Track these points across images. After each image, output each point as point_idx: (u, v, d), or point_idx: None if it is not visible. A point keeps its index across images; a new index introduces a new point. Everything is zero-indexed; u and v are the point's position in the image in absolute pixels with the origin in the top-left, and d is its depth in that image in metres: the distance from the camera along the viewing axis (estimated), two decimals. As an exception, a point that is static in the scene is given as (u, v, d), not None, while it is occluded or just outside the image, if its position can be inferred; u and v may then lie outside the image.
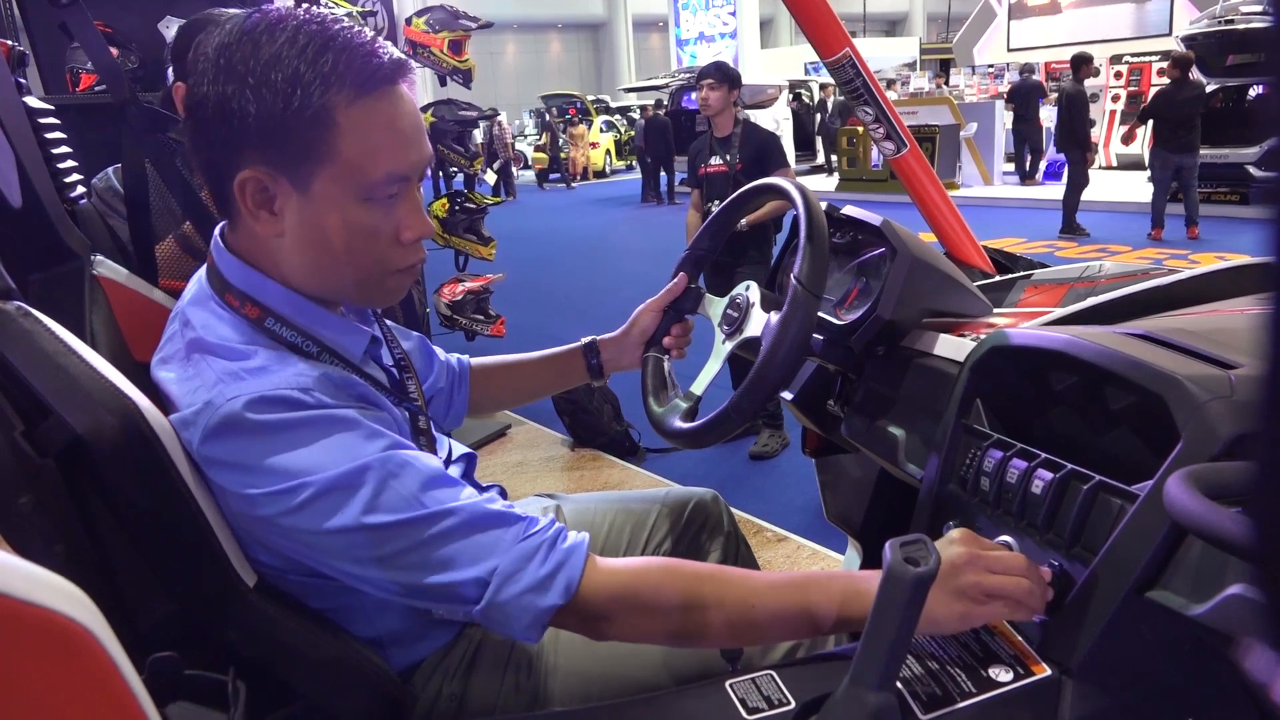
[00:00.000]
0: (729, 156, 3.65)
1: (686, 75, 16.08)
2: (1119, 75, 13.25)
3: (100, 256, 1.24)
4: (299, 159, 0.80)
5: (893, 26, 34.98)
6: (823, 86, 16.28)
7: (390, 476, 0.79)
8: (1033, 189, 12.03)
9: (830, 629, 0.86)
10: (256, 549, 0.84)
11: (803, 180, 1.25)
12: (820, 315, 1.28)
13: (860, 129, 11.81)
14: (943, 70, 19.28)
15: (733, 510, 1.38)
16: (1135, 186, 10.37)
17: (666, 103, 15.83)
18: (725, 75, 3.63)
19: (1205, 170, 8.43)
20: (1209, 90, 8.98)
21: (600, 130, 20.39)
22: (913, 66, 20.77)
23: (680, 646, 0.97)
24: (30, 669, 0.44)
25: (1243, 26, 9.43)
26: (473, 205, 4.05)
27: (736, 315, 1.15)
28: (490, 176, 16.11)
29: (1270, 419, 0.36)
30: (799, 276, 1.02)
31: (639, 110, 17.29)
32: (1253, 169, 9.10)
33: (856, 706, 0.66)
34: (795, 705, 0.79)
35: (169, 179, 1.61)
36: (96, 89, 3.08)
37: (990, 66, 16.71)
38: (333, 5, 3.48)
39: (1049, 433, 1.01)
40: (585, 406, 3.78)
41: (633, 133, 18.39)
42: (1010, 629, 0.87)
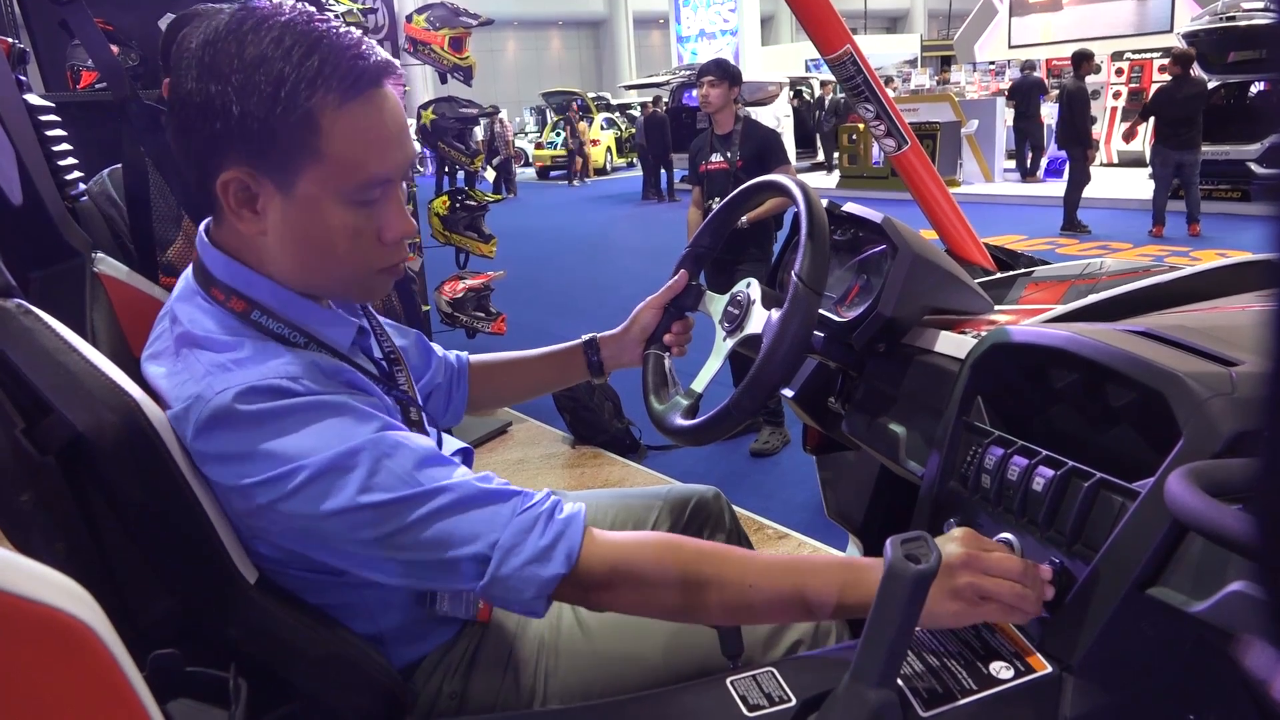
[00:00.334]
0: (730, 154, 3.65)
1: (687, 72, 16.04)
2: (1120, 72, 13.24)
3: (101, 254, 1.24)
4: (282, 161, 0.80)
5: (894, 23, 34.93)
6: (823, 84, 16.26)
7: (384, 456, 0.79)
8: (1034, 186, 12.02)
9: (827, 616, 0.86)
10: (257, 544, 0.84)
11: (803, 177, 1.25)
12: (821, 312, 1.28)
13: (861, 126, 11.80)
14: (944, 67, 19.26)
15: (734, 507, 1.38)
16: (1136, 183, 10.36)
17: (667, 100, 15.81)
18: (726, 72, 3.62)
19: (1207, 167, 8.42)
20: (1210, 87, 8.97)
21: (601, 127, 20.37)
22: (914, 63, 20.75)
23: (675, 620, 0.96)
24: (31, 666, 0.44)
25: (1244, 23, 9.41)
26: (473, 202, 4.05)
27: (737, 312, 1.15)
28: (490, 174, 16.12)
29: (1272, 416, 0.36)
30: (800, 274, 1.02)
31: (640, 107, 17.28)
32: (1254, 166, 9.10)
33: (857, 703, 0.66)
34: (796, 702, 0.79)
35: (169, 176, 1.61)
36: (97, 86, 3.07)
37: (991, 63, 16.68)
38: (333, 3, 3.48)
39: (1050, 430, 1.01)
40: (586, 404, 3.78)
41: (633, 130, 18.37)
42: (1011, 626, 0.87)
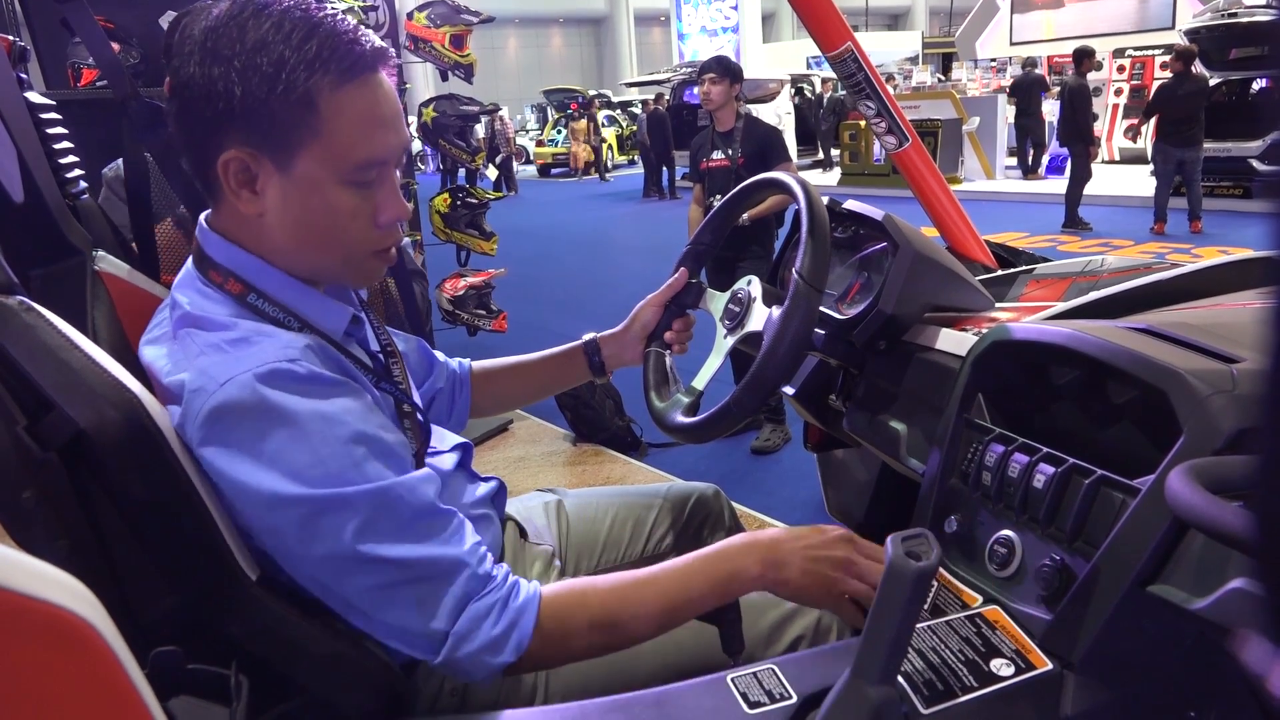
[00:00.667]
0: (731, 151, 3.64)
1: (688, 70, 16.03)
2: (1122, 69, 13.21)
3: (102, 252, 1.24)
4: (282, 141, 0.81)
5: (895, 20, 34.88)
6: (823, 81, 16.24)
7: (383, 508, 0.80)
8: (1035, 183, 12.00)
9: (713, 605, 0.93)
10: (257, 540, 0.84)
11: (803, 175, 1.25)
12: (822, 310, 1.28)
13: (862, 123, 11.79)
14: (945, 64, 19.24)
15: (734, 505, 1.38)
16: (1138, 180, 10.34)
17: (669, 97, 15.79)
18: (727, 70, 3.62)
19: (1208, 164, 8.41)
20: (1212, 84, 8.95)
21: (602, 125, 20.36)
22: (915, 60, 20.72)
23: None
24: (33, 664, 0.44)
25: (1246, 20, 9.40)
26: (474, 200, 4.05)
27: (738, 310, 1.15)
28: (492, 172, 16.13)
29: (1273, 413, 0.36)
30: (801, 271, 1.02)
31: (641, 105, 17.26)
32: (1256, 163, 9.08)
33: (858, 700, 0.66)
34: (796, 699, 0.79)
35: (171, 174, 1.61)
36: (98, 84, 3.08)
37: (993, 60, 16.66)
38: (335, 0, 3.47)
39: (1051, 427, 1.00)
40: (587, 402, 3.78)
41: (634, 128, 18.35)
42: (1012, 623, 0.87)
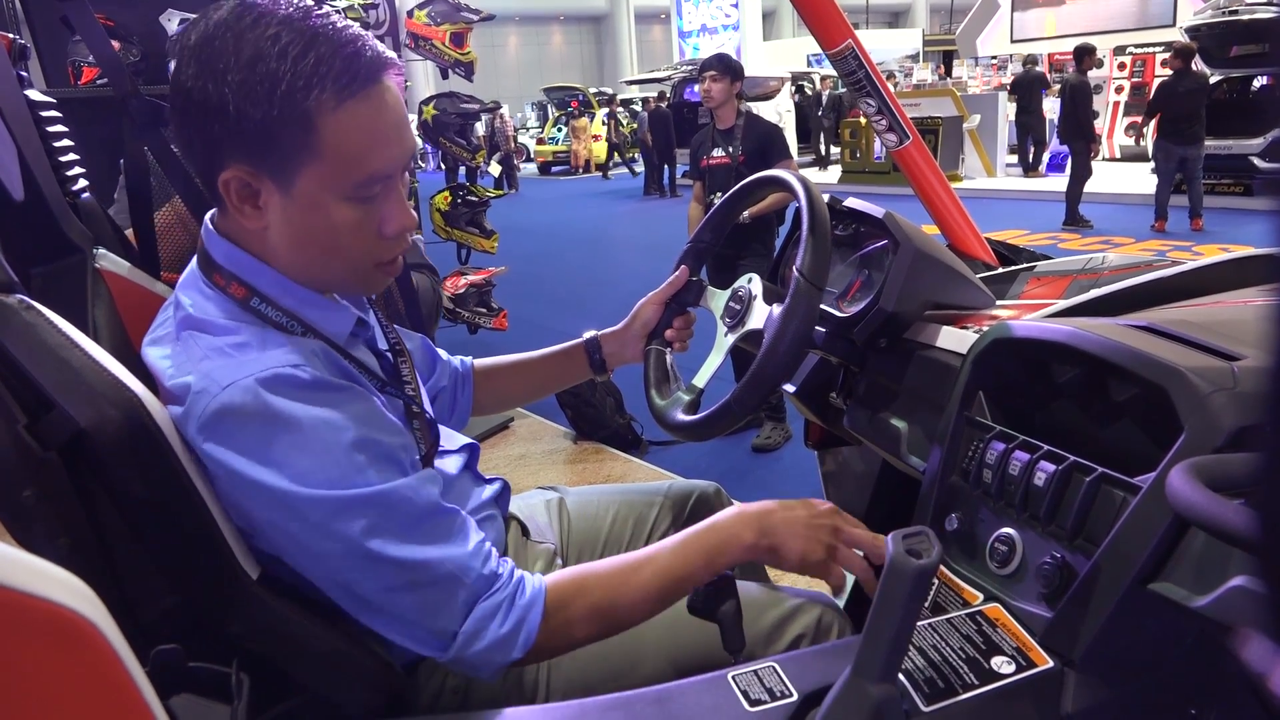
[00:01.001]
0: (731, 149, 3.64)
1: (689, 67, 16.02)
2: (1122, 66, 13.20)
3: (102, 250, 1.25)
4: (281, 161, 0.80)
5: (895, 18, 34.85)
6: (822, 79, 16.23)
7: (387, 511, 0.81)
8: (1036, 181, 11.99)
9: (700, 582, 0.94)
10: (257, 540, 0.84)
11: (804, 172, 1.25)
12: (822, 308, 1.28)
13: (862, 120, 11.78)
14: (945, 62, 19.22)
15: (735, 502, 1.38)
16: (1139, 178, 10.34)
17: (669, 95, 15.78)
18: (728, 67, 3.62)
19: (1209, 162, 8.40)
20: (1213, 81, 8.94)
21: (602, 123, 20.35)
22: (916, 58, 20.70)
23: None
24: (34, 662, 0.44)
25: (1247, 17, 9.38)
26: (475, 198, 4.05)
27: (739, 308, 1.15)
28: (495, 169, 16.12)
29: (1275, 411, 0.36)
30: (801, 269, 1.02)
31: (641, 103, 17.25)
32: (1257, 160, 9.07)
33: (858, 698, 0.66)
34: (797, 697, 0.79)
35: (171, 172, 1.61)
36: (98, 82, 3.08)
37: (993, 58, 16.65)
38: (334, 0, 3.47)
39: (1051, 425, 1.00)
40: (588, 399, 3.78)
41: (634, 125, 18.34)
42: (1013, 621, 0.87)
